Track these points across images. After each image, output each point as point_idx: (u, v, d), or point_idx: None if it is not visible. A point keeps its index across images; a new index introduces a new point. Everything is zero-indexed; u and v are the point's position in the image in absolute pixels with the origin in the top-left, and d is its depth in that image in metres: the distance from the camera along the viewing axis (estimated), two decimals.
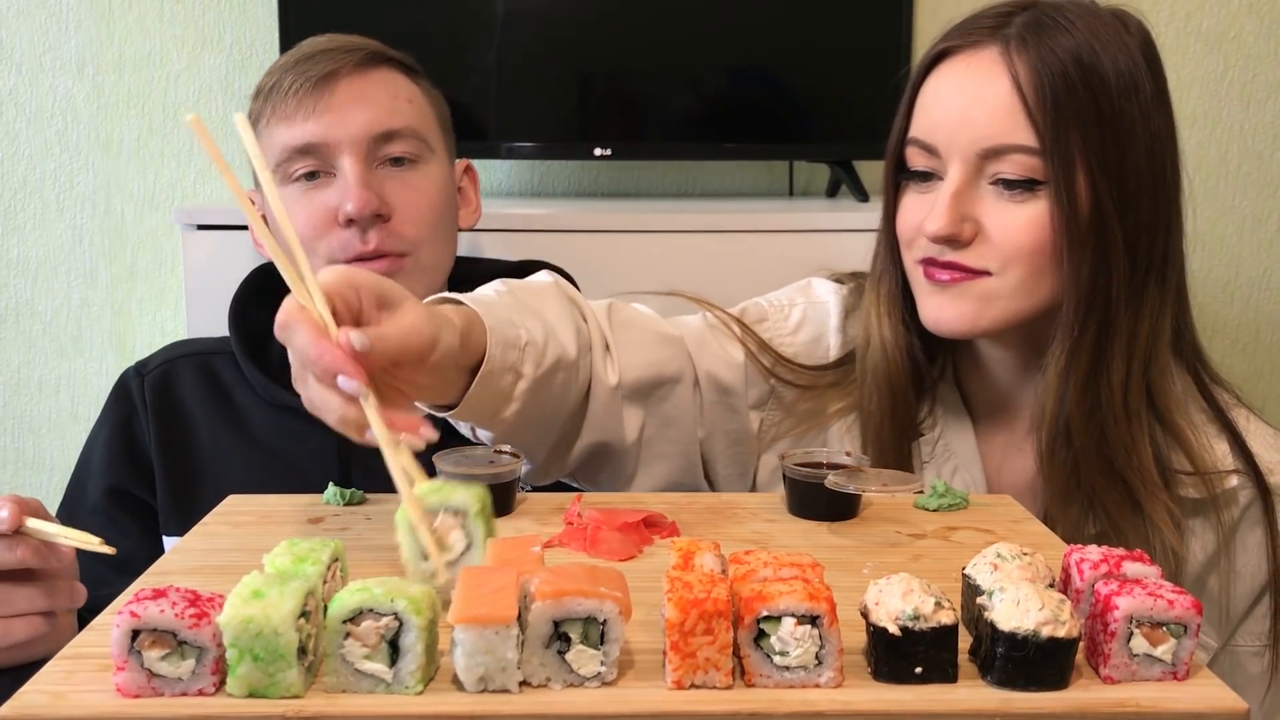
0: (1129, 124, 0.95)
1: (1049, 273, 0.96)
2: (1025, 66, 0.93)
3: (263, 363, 1.25)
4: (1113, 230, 0.95)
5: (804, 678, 0.60)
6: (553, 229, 1.58)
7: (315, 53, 1.17)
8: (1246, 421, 1.04)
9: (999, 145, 0.95)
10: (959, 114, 0.97)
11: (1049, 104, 0.92)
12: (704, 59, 1.79)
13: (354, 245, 1.14)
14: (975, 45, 0.98)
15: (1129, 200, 0.95)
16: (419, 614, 0.59)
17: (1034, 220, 0.95)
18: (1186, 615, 0.61)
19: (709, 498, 0.99)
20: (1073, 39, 0.94)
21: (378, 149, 1.16)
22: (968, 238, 0.97)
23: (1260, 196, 2.02)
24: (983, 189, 0.97)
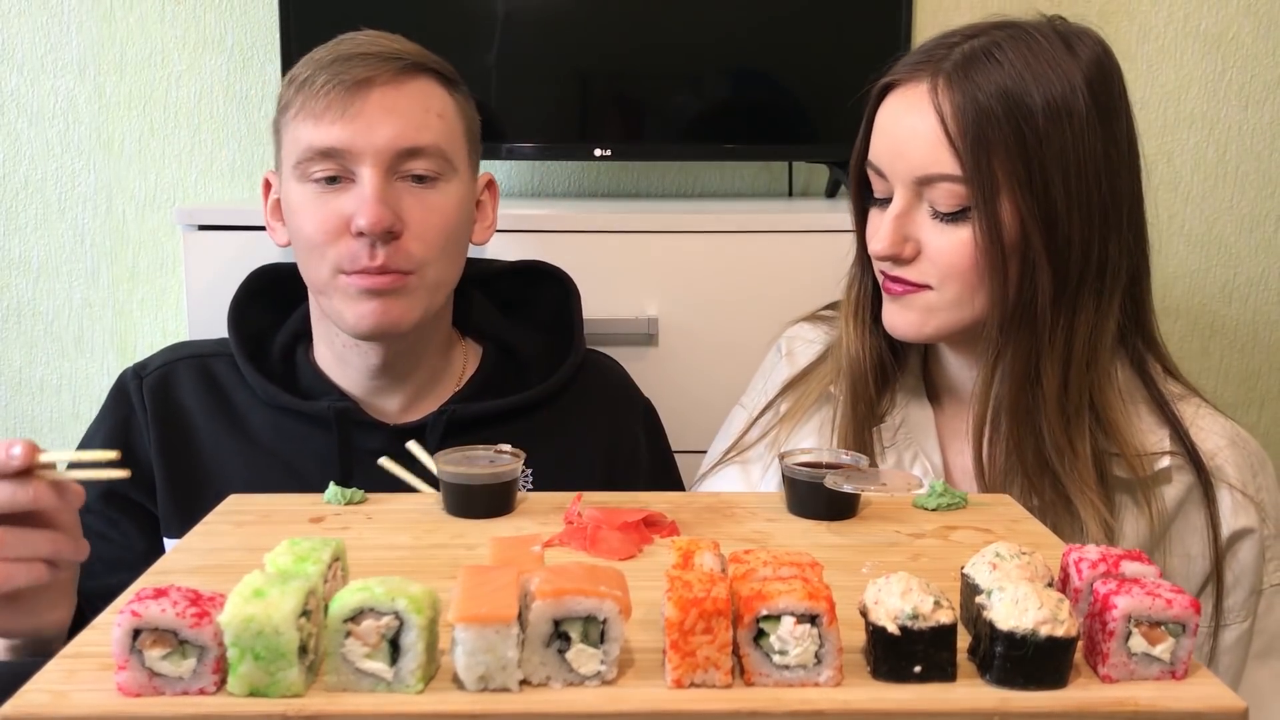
0: (1056, 149, 1.00)
1: (981, 288, 1.04)
2: (949, 102, 1.01)
3: (262, 364, 1.25)
4: (1037, 249, 1.01)
5: (803, 677, 0.60)
6: (553, 229, 1.58)
7: (354, 54, 1.15)
8: (1196, 410, 1.09)
9: (929, 174, 1.03)
10: (896, 144, 1.05)
11: (970, 136, 1.00)
12: (704, 60, 1.79)
13: (361, 258, 1.13)
14: (911, 79, 1.05)
15: (1055, 220, 1.01)
16: (419, 613, 0.59)
17: (963, 242, 1.02)
18: (1185, 614, 0.61)
19: (709, 497, 0.99)
20: (1002, 71, 1.01)
21: (400, 164, 1.15)
22: (909, 256, 1.05)
23: (1259, 197, 2.02)
24: (922, 213, 1.05)
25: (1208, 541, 1.05)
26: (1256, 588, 1.07)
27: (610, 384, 1.37)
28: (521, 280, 1.39)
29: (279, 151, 1.21)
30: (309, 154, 1.14)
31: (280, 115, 1.20)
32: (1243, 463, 1.07)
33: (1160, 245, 2.03)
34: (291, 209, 1.18)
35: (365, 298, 1.14)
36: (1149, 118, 1.99)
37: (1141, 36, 1.97)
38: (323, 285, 1.17)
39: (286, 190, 1.18)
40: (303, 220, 1.16)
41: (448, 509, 0.91)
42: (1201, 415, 1.09)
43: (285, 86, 1.19)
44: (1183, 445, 1.05)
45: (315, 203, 1.15)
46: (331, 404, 1.21)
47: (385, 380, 1.23)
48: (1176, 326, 2.06)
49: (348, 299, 1.15)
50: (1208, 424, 1.08)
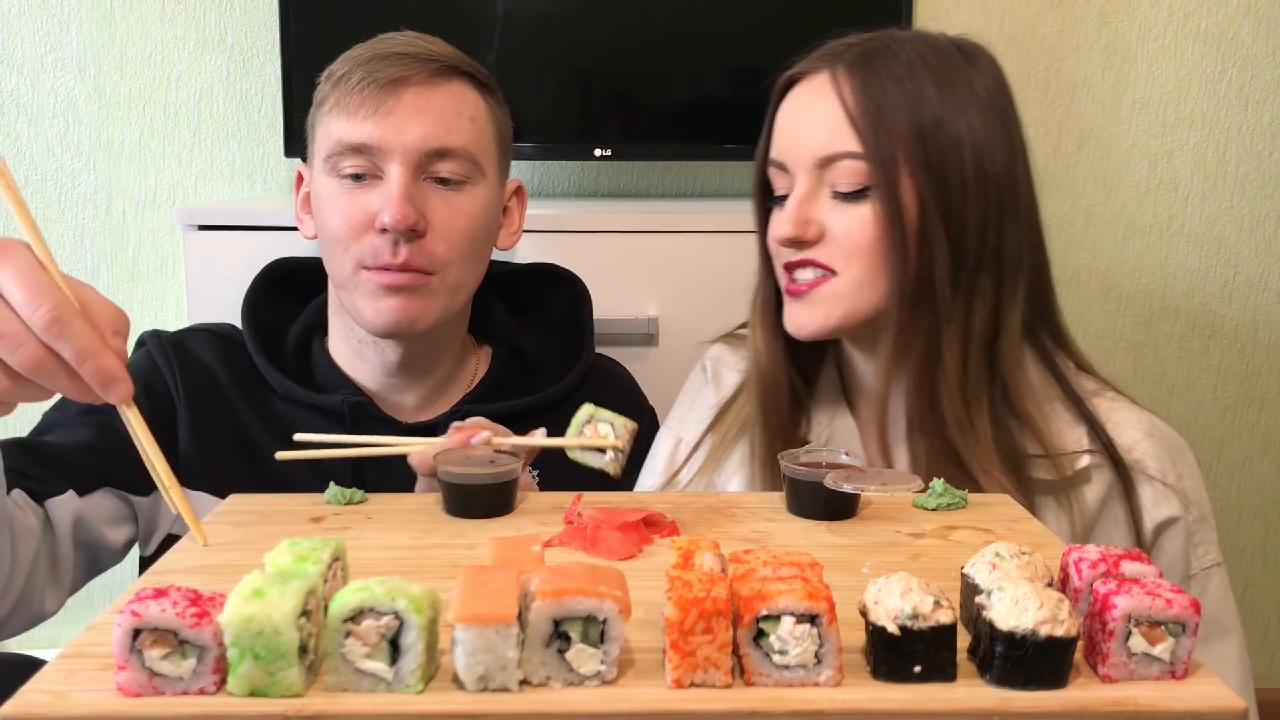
0: (952, 132, 1.04)
1: (883, 270, 1.05)
2: (849, 84, 1.05)
3: (275, 357, 1.25)
4: (934, 227, 1.03)
5: (803, 676, 0.60)
6: (553, 229, 1.58)
7: (391, 53, 1.16)
8: (1110, 405, 1.10)
9: (830, 154, 1.05)
10: (798, 131, 1.08)
11: (869, 113, 1.03)
12: (704, 59, 1.79)
13: (384, 254, 1.14)
14: (811, 72, 1.09)
15: (951, 200, 1.03)
16: (419, 613, 0.59)
17: (865, 220, 1.04)
18: (1185, 614, 0.61)
19: (708, 497, 0.99)
20: (899, 61, 1.05)
21: (428, 164, 1.15)
22: (813, 237, 1.07)
23: (1259, 197, 2.02)
24: (824, 196, 1.07)
25: (1131, 537, 1.06)
26: (1186, 575, 1.08)
27: (620, 389, 1.38)
28: (533, 283, 1.39)
29: (311, 145, 1.22)
30: (339, 148, 1.15)
31: (314, 110, 1.21)
32: (1161, 453, 1.07)
33: (1160, 245, 2.04)
34: (320, 203, 1.19)
35: (385, 295, 1.15)
36: (1149, 118, 1.99)
37: (1141, 36, 1.97)
38: (344, 280, 1.18)
39: (316, 184, 1.20)
40: (329, 214, 1.17)
41: (448, 509, 0.91)
42: (1116, 410, 1.09)
43: (322, 82, 1.20)
44: (1100, 442, 1.06)
45: (343, 198, 1.16)
46: (346, 398, 1.21)
47: (401, 378, 1.24)
48: (1176, 326, 2.06)
49: (368, 295, 1.16)
50: (1124, 418, 1.08)
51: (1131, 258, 2.04)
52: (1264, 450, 2.11)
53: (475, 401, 1.25)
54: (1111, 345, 2.06)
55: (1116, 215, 2.03)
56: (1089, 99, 1.98)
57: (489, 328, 1.33)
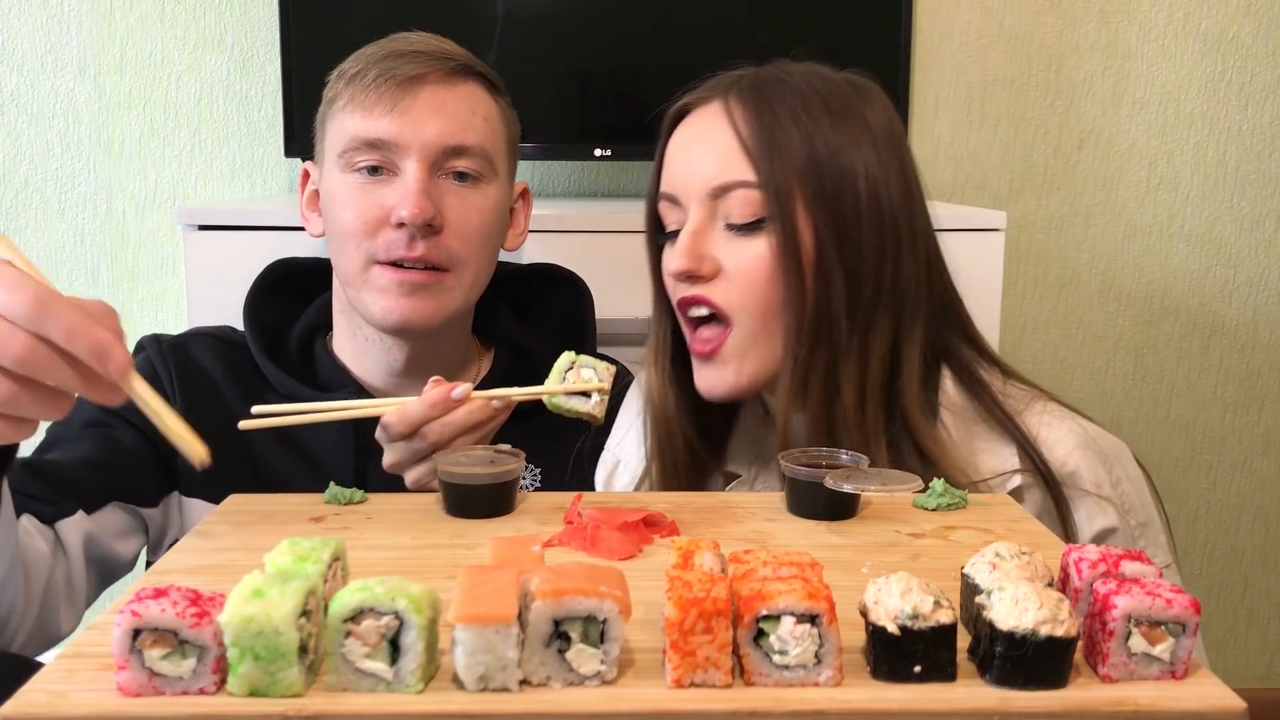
0: (847, 162, 1.01)
1: (780, 307, 1.01)
2: (742, 112, 1.02)
3: (278, 356, 1.25)
4: (831, 259, 1.00)
5: (803, 676, 0.60)
6: (553, 229, 1.58)
7: (407, 51, 1.16)
8: (1040, 419, 1.05)
9: (724, 183, 1.02)
10: (690, 162, 1.05)
11: (763, 141, 1.00)
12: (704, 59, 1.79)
13: (399, 248, 1.14)
14: (703, 102, 1.06)
15: (847, 231, 1.00)
16: (419, 613, 0.59)
17: (761, 253, 1.01)
18: (1185, 614, 0.61)
19: (708, 497, 0.99)
20: (793, 90, 1.03)
21: (444, 160, 1.16)
22: (708, 273, 1.03)
23: (1259, 197, 2.02)
24: (719, 230, 1.03)
25: None
26: None
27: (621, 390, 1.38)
28: (535, 283, 1.40)
29: (321, 143, 1.22)
30: (355, 143, 1.15)
31: (326, 108, 1.21)
32: (1095, 463, 1.03)
33: (1160, 245, 2.04)
34: (332, 198, 1.18)
35: (398, 292, 1.15)
36: (1149, 118, 1.99)
37: (1141, 36, 1.97)
38: (354, 277, 1.17)
39: (327, 180, 1.19)
40: (342, 209, 1.16)
41: (448, 509, 0.91)
42: (1046, 424, 1.04)
43: (334, 80, 1.20)
44: (1030, 460, 1.02)
45: (357, 192, 1.16)
46: (349, 397, 1.21)
47: (405, 378, 1.24)
48: (1176, 326, 2.06)
49: (379, 291, 1.16)
50: (1054, 432, 1.04)
51: (1131, 258, 2.04)
52: (1264, 450, 2.11)
53: None
54: (1111, 345, 2.06)
55: (1116, 215, 2.03)
56: (1089, 99, 1.98)
57: (492, 329, 1.33)
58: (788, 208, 1.00)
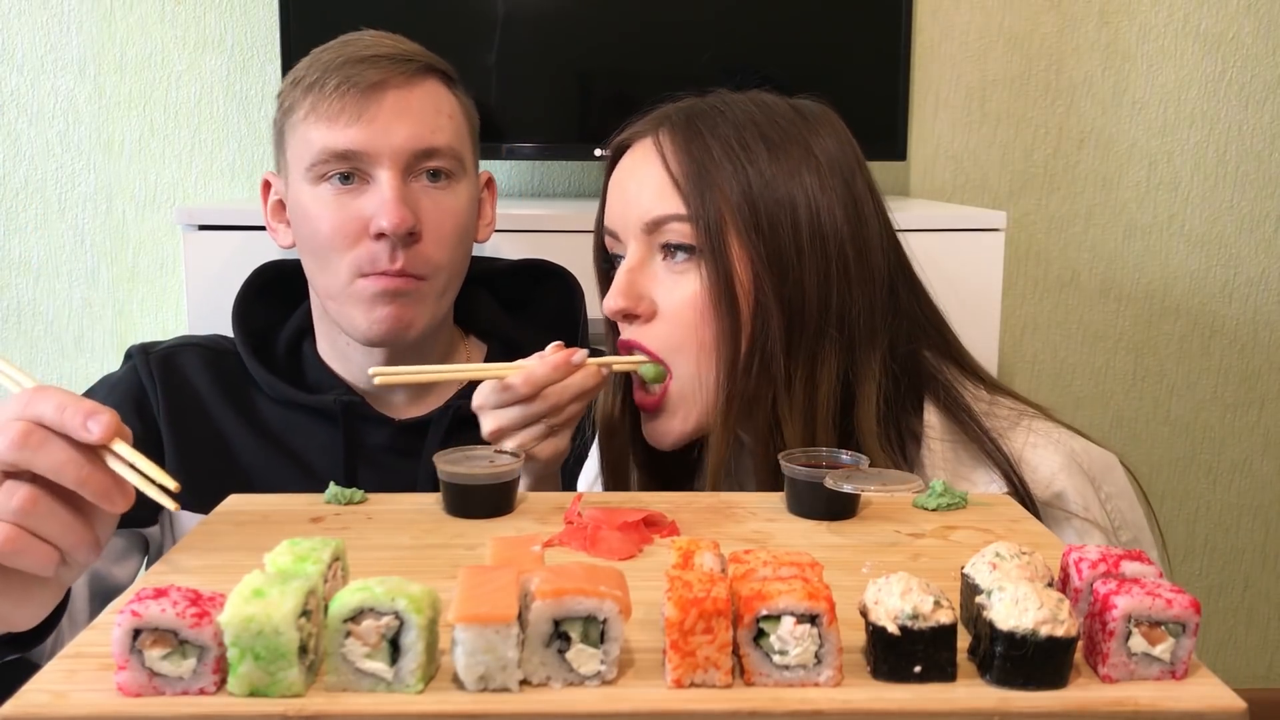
0: (783, 192, 0.99)
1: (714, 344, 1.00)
2: (670, 144, 1.02)
3: (267, 359, 1.25)
4: (767, 293, 0.98)
5: (803, 676, 0.60)
6: (553, 229, 1.58)
7: (366, 57, 1.15)
8: (1025, 440, 1.02)
9: (657, 217, 1.01)
10: (626, 197, 1.04)
11: (692, 174, 0.99)
12: (704, 59, 1.79)
13: (381, 260, 1.14)
14: (639, 136, 1.06)
15: (785, 265, 0.98)
16: (419, 613, 0.59)
17: (695, 290, 1.00)
18: (1185, 614, 0.61)
19: (709, 497, 0.99)
20: (726, 120, 1.02)
21: (416, 164, 1.16)
22: (645, 313, 1.02)
23: (1259, 196, 2.02)
24: (656, 265, 1.03)
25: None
26: None
27: None
28: (526, 279, 1.39)
29: (283, 153, 1.21)
30: (324, 155, 1.14)
31: (285, 117, 1.19)
32: (1082, 483, 1.01)
33: (1160, 245, 2.04)
34: (304, 212, 1.17)
35: (381, 301, 1.15)
36: (1149, 118, 1.99)
37: (1141, 36, 1.97)
38: (336, 291, 1.17)
39: (296, 193, 1.18)
40: (318, 223, 1.16)
41: (448, 509, 0.91)
42: (1031, 444, 1.02)
43: (289, 88, 1.19)
44: (1012, 484, 1.00)
45: (331, 205, 1.15)
46: (338, 398, 1.21)
47: None
48: (1176, 326, 2.06)
49: (363, 304, 1.15)
50: (1039, 453, 1.01)
51: (1131, 258, 2.04)
52: (1264, 450, 2.11)
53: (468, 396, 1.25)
54: (1111, 345, 2.06)
55: (1116, 215, 2.03)
56: (1089, 99, 1.98)
57: (481, 322, 1.33)
58: (719, 240, 0.98)
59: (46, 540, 0.75)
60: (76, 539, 0.75)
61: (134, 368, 1.24)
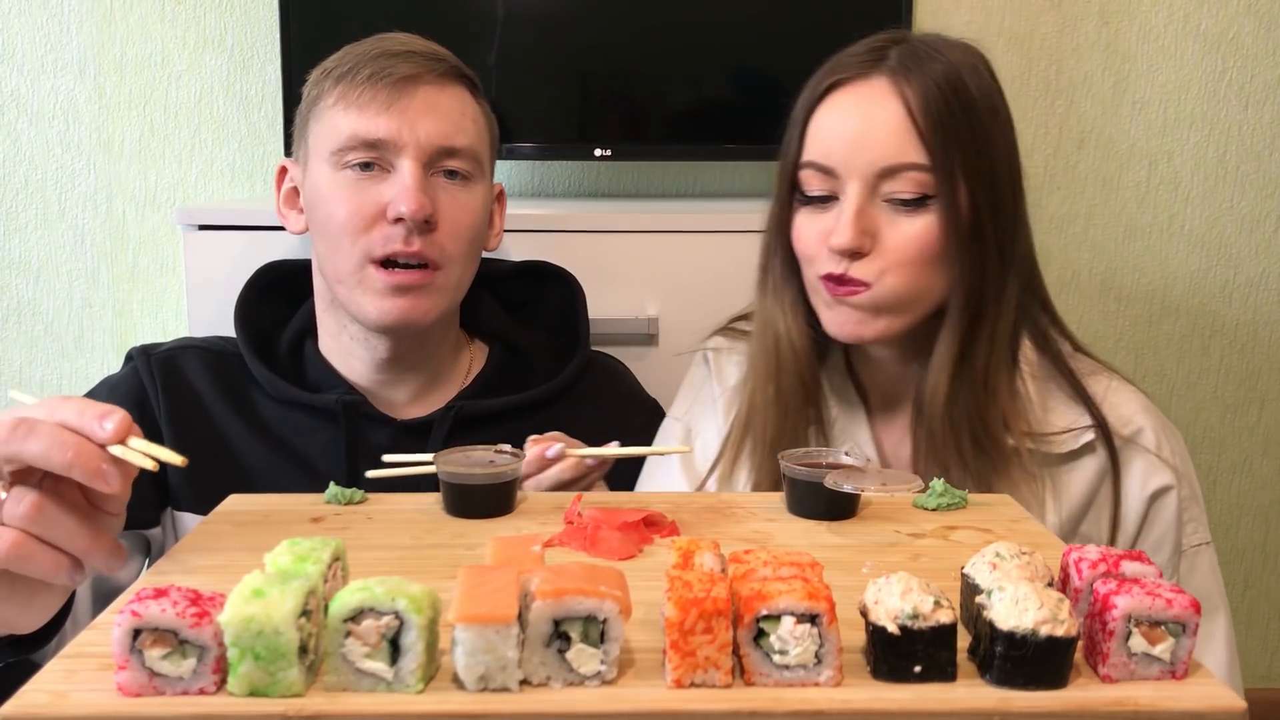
0: (993, 139, 1.07)
1: (928, 279, 1.07)
2: (913, 92, 1.04)
3: (269, 359, 1.25)
4: (988, 234, 1.06)
5: (803, 676, 0.60)
6: (553, 229, 1.58)
7: (400, 52, 1.17)
8: (1107, 385, 1.13)
9: (895, 164, 1.05)
10: (855, 138, 1.06)
11: (937, 124, 1.04)
12: (704, 59, 1.79)
13: (395, 242, 1.14)
14: (862, 76, 1.08)
15: (998, 206, 1.07)
16: (419, 613, 0.59)
17: (925, 230, 1.05)
18: (1185, 614, 0.61)
19: (709, 497, 0.99)
20: (944, 65, 1.06)
21: (438, 160, 1.17)
22: (868, 250, 1.07)
23: (1259, 197, 2.02)
24: (879, 206, 1.07)
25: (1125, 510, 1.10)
26: (1178, 548, 1.11)
27: (617, 386, 1.38)
28: (527, 280, 1.40)
29: (304, 141, 1.22)
30: (351, 141, 1.15)
31: (310, 105, 1.20)
32: (1158, 426, 1.11)
33: (1160, 245, 2.03)
34: (320, 196, 1.18)
35: (394, 293, 1.15)
36: (1149, 118, 1.99)
37: (1141, 36, 1.97)
38: (346, 275, 1.17)
39: (315, 177, 1.19)
40: (335, 206, 1.16)
41: (448, 509, 0.91)
42: (1114, 390, 1.12)
43: (319, 77, 1.20)
44: (1095, 419, 1.09)
45: (351, 189, 1.16)
46: (340, 397, 1.21)
47: (391, 373, 1.24)
48: (1177, 326, 2.06)
49: (373, 292, 1.16)
50: (1120, 397, 1.12)
51: (1131, 258, 2.04)
52: (1264, 450, 2.11)
53: (470, 398, 1.25)
54: (1111, 345, 2.06)
55: (1116, 215, 2.03)
56: (1089, 99, 1.98)
57: (483, 324, 1.33)
58: (952, 187, 1.04)
59: (54, 546, 0.74)
60: (85, 544, 0.75)
61: (135, 369, 1.24)
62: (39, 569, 0.74)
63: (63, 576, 0.76)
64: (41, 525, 0.74)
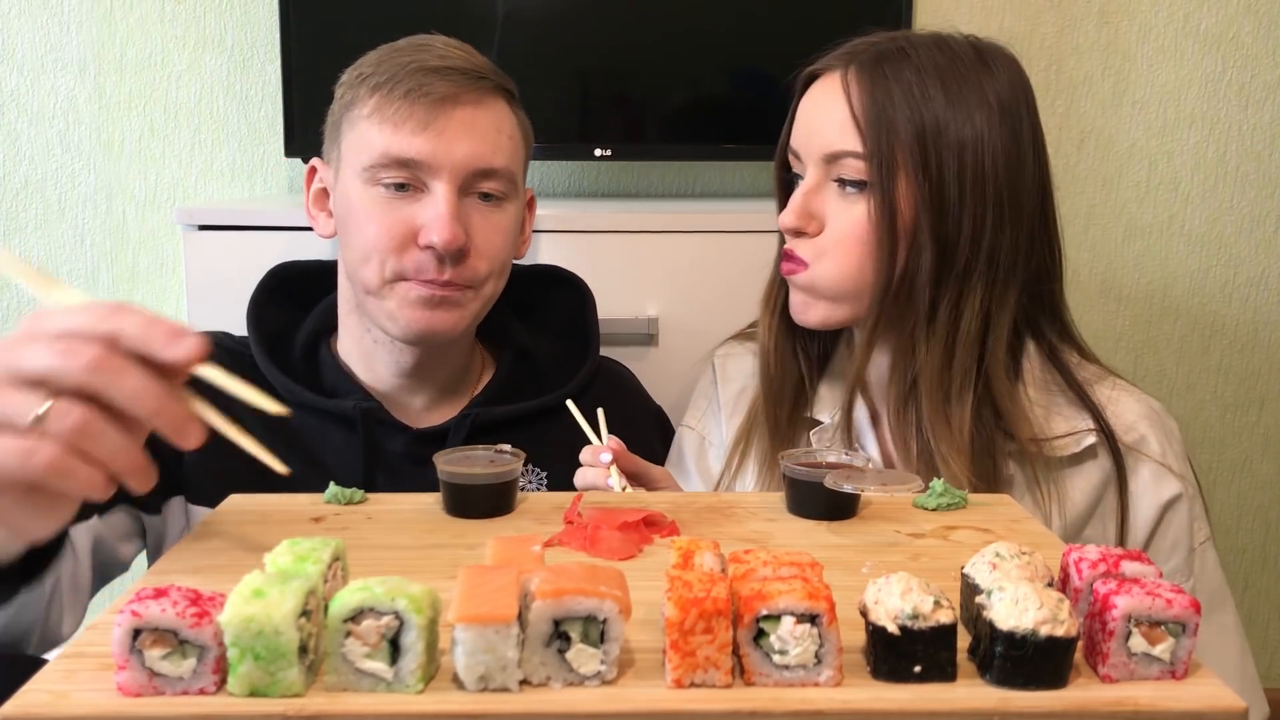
0: (954, 137, 1.07)
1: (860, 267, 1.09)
2: (856, 85, 1.08)
3: (283, 362, 1.24)
4: (924, 230, 1.07)
5: (803, 676, 0.60)
6: (553, 229, 1.58)
7: (438, 67, 1.15)
8: (1111, 393, 1.14)
9: (835, 151, 1.09)
10: (811, 126, 1.13)
11: (871, 115, 1.07)
12: (704, 59, 1.79)
13: (428, 271, 1.13)
14: (828, 70, 1.13)
15: (945, 205, 1.07)
16: (419, 613, 0.59)
17: (859, 216, 1.08)
18: (1185, 614, 0.61)
19: (709, 497, 0.99)
20: (910, 64, 1.08)
21: (474, 183, 1.16)
22: (814, 231, 1.11)
23: (1259, 197, 2.02)
24: (829, 190, 1.11)
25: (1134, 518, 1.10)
26: (1190, 551, 1.12)
27: (625, 390, 1.38)
28: (536, 285, 1.39)
29: (336, 145, 1.20)
30: (384, 159, 1.14)
31: (345, 110, 1.18)
32: (1160, 434, 1.12)
33: (1160, 245, 2.03)
34: (351, 209, 1.17)
35: (423, 306, 1.15)
36: (1149, 118, 1.99)
37: (1141, 36, 1.97)
38: (375, 287, 1.16)
39: (346, 188, 1.18)
40: (366, 224, 1.15)
41: (448, 509, 0.91)
42: (1117, 398, 1.13)
43: (354, 81, 1.18)
44: (1100, 426, 1.10)
45: (383, 208, 1.14)
46: (358, 404, 1.20)
47: (411, 381, 1.23)
48: (1177, 326, 2.06)
49: (404, 304, 1.15)
50: (1124, 404, 1.12)
51: (1131, 258, 2.04)
52: (1264, 450, 2.11)
53: (483, 405, 1.25)
54: (1111, 345, 2.06)
55: (1116, 215, 2.03)
56: (1089, 99, 1.98)
57: (496, 331, 1.33)
58: (889, 178, 1.06)
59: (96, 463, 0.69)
60: (128, 463, 0.70)
61: None
62: (74, 486, 0.69)
63: (96, 494, 0.70)
64: (87, 441, 0.68)
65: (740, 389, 1.26)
